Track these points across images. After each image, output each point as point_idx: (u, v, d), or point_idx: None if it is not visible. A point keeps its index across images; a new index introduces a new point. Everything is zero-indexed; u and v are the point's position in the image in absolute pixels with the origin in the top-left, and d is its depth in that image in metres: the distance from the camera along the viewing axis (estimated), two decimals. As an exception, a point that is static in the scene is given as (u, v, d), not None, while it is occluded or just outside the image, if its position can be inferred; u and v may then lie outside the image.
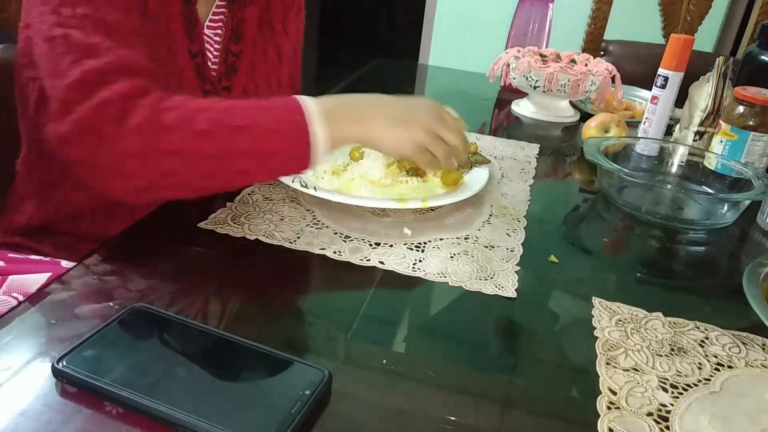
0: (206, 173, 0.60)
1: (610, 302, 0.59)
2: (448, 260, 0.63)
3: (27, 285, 0.66)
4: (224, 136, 0.58)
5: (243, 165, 0.60)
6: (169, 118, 0.58)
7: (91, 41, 0.60)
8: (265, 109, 0.61)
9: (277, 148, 0.60)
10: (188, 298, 0.54)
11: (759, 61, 1.07)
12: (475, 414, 0.45)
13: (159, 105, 0.59)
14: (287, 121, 0.61)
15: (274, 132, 0.60)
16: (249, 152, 0.59)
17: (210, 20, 0.80)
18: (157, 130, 0.57)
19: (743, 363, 0.53)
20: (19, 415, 0.39)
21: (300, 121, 0.60)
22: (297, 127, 0.60)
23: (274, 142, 0.60)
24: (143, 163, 0.58)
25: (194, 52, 0.77)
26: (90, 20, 0.61)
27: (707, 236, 0.79)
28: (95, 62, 0.58)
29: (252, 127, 0.59)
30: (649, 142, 0.97)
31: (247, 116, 0.60)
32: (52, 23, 0.60)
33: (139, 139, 0.57)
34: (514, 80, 1.18)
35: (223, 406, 0.40)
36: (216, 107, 0.60)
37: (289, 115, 0.61)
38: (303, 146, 0.60)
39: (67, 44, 0.59)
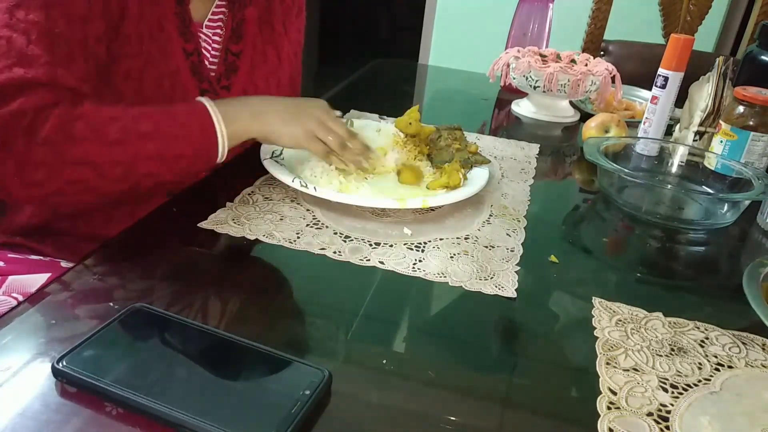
0: (116, 179, 0.62)
1: (610, 302, 0.59)
2: (448, 260, 0.63)
3: (27, 285, 0.66)
4: (134, 143, 0.62)
5: (151, 168, 0.64)
6: (78, 129, 0.60)
7: (29, 51, 0.60)
8: (173, 114, 0.66)
9: (184, 151, 0.65)
10: (188, 298, 0.54)
11: (759, 61, 1.07)
12: (475, 414, 0.45)
13: (68, 114, 0.60)
14: (194, 126, 0.66)
15: (182, 137, 0.65)
16: (157, 156, 0.63)
17: (209, 20, 0.81)
18: (66, 140, 0.59)
19: (743, 363, 0.53)
20: (18, 415, 0.39)
21: (207, 124, 0.66)
22: (204, 131, 0.66)
23: (181, 146, 0.65)
24: (50, 172, 0.60)
25: (189, 51, 0.77)
26: (38, 28, 0.61)
27: (707, 236, 0.79)
28: (23, 72, 0.59)
29: (160, 133, 0.63)
30: (649, 142, 0.97)
31: (155, 122, 0.64)
32: (1, 23, 0.61)
33: (46, 151, 0.59)
34: (514, 80, 1.18)
35: (223, 406, 0.40)
36: (126, 116, 0.63)
37: (196, 119, 0.66)
38: (211, 146, 0.66)
39: (7, 47, 0.60)
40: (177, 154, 0.65)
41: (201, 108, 0.67)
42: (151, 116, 0.64)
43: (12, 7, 0.61)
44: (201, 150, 0.66)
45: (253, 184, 0.75)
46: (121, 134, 0.61)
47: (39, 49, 0.61)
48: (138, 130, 0.62)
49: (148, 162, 0.63)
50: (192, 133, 0.65)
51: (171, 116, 0.65)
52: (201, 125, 0.66)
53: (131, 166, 0.62)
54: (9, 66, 0.59)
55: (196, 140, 0.66)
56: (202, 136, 0.66)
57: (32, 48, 0.60)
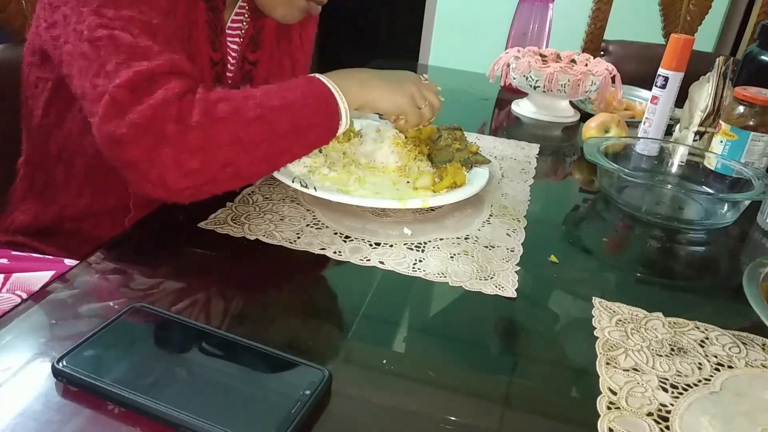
0: (259, 158, 0.63)
1: (610, 302, 0.59)
2: (448, 260, 0.63)
3: (30, 283, 0.66)
4: (270, 119, 0.62)
5: (287, 143, 0.65)
6: (222, 110, 0.60)
7: (140, 43, 0.60)
8: (294, 87, 0.66)
9: (313, 120, 0.66)
10: (188, 297, 0.54)
11: (759, 61, 1.07)
12: (475, 414, 0.45)
13: (209, 98, 0.60)
14: (316, 95, 0.66)
15: (308, 106, 0.65)
16: (292, 130, 0.64)
17: (229, 27, 0.80)
18: (214, 123, 0.59)
19: (743, 363, 0.53)
20: (19, 415, 0.39)
21: (326, 93, 0.67)
22: (325, 99, 0.67)
23: (310, 115, 0.65)
24: (206, 157, 0.59)
25: (216, 61, 0.77)
26: (136, 23, 0.61)
27: (707, 236, 0.79)
28: (147, 64, 0.59)
29: (290, 106, 0.64)
30: (649, 142, 0.97)
31: (283, 96, 0.64)
32: (95, 24, 0.60)
33: (200, 135, 0.59)
34: (514, 80, 1.18)
35: (223, 406, 0.40)
36: (256, 94, 0.63)
37: (314, 90, 0.67)
38: (333, 115, 0.67)
39: (114, 45, 0.59)
40: (307, 124, 0.65)
41: (316, 80, 0.68)
42: (277, 92, 0.64)
43: (98, 8, 0.61)
44: (326, 118, 0.67)
45: (253, 184, 0.75)
46: (258, 110, 0.61)
47: (147, 40, 0.60)
48: (271, 105, 0.62)
49: (284, 137, 0.63)
50: (318, 102, 0.66)
51: (293, 89, 0.65)
52: (322, 94, 0.67)
53: (271, 142, 0.63)
54: (125, 61, 0.58)
55: (323, 109, 0.66)
56: (327, 105, 0.67)
57: (140, 40, 0.60)
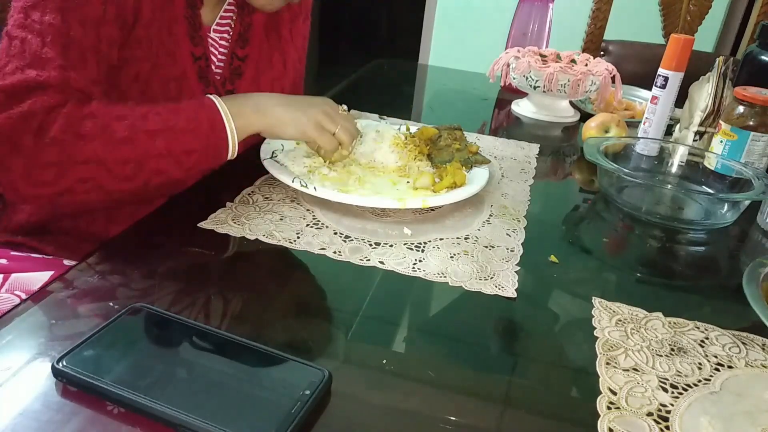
0: (125, 177, 0.62)
1: (610, 302, 0.59)
2: (448, 260, 0.63)
3: (29, 283, 0.66)
4: (142, 141, 0.62)
5: (160, 165, 0.63)
6: (87, 127, 0.60)
7: (43, 53, 0.60)
8: (180, 110, 0.65)
9: (192, 146, 0.64)
10: (188, 297, 0.54)
11: (759, 61, 1.07)
12: (475, 414, 0.45)
13: (76, 113, 0.60)
14: (202, 120, 0.65)
15: (190, 131, 0.64)
16: (166, 153, 0.63)
17: (217, 24, 0.81)
18: (74, 139, 0.59)
19: (743, 363, 0.53)
20: (19, 415, 0.39)
21: (215, 119, 0.66)
22: (212, 125, 0.65)
23: (190, 141, 0.64)
24: (59, 171, 0.59)
25: (197, 56, 0.77)
26: (52, 31, 0.61)
27: (707, 236, 0.79)
28: (35, 74, 0.59)
29: (168, 130, 0.63)
30: (649, 142, 0.97)
31: (163, 119, 0.63)
32: (18, 23, 0.61)
33: (55, 150, 0.59)
34: (514, 80, 1.18)
35: (222, 406, 0.40)
36: (133, 114, 0.62)
37: (203, 114, 0.65)
38: (219, 141, 0.66)
39: (22, 48, 0.60)
40: (186, 149, 0.64)
41: (208, 103, 0.67)
42: (159, 113, 0.64)
43: (28, 8, 0.61)
44: (210, 145, 0.66)
45: (253, 184, 0.75)
46: (129, 132, 0.61)
47: (53, 51, 0.61)
48: (146, 128, 0.62)
49: (158, 159, 0.63)
50: (200, 127, 0.65)
51: (178, 112, 0.65)
52: (209, 120, 0.66)
53: (140, 163, 0.62)
54: (22, 67, 0.59)
55: (204, 135, 0.65)
56: (211, 131, 0.65)
57: (46, 50, 0.60)
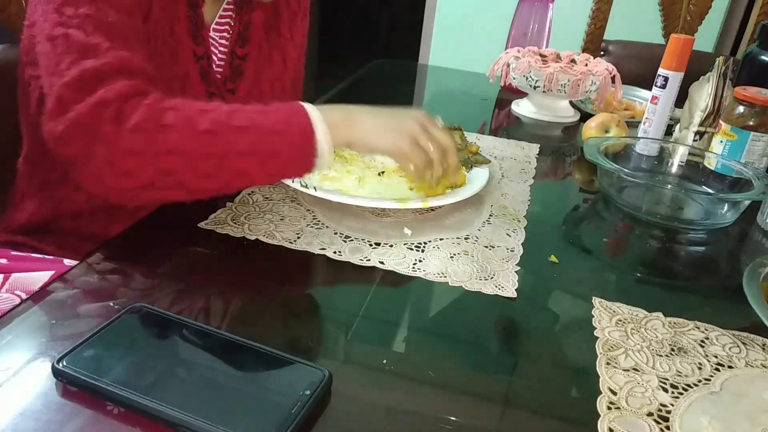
0: (207, 173, 0.60)
1: (610, 302, 0.59)
2: (448, 260, 0.63)
3: (30, 283, 0.66)
4: (226, 136, 0.59)
5: (244, 166, 0.60)
6: (169, 118, 0.58)
7: (91, 41, 0.60)
8: (269, 111, 0.62)
9: (279, 148, 0.61)
10: (188, 297, 0.54)
11: (759, 61, 1.07)
12: (475, 414, 0.45)
13: (159, 105, 0.59)
14: (291, 124, 0.61)
15: (278, 133, 0.61)
16: (250, 152, 0.60)
17: (216, 23, 0.81)
18: (157, 129, 0.58)
19: (743, 363, 0.53)
20: (19, 415, 0.39)
21: (304, 124, 0.61)
22: (301, 130, 0.61)
23: (277, 142, 0.61)
24: (141, 161, 0.58)
25: (199, 55, 0.77)
26: (91, 20, 0.61)
27: (707, 236, 0.79)
28: (94, 62, 0.59)
29: (255, 128, 0.60)
30: (649, 142, 0.97)
31: (250, 118, 0.60)
32: (54, 22, 0.61)
33: (137, 137, 0.57)
34: (514, 80, 1.18)
35: (222, 406, 0.40)
36: (218, 109, 0.60)
37: (293, 118, 0.62)
38: (307, 148, 0.61)
39: (67, 44, 0.60)
40: (272, 151, 0.61)
41: (298, 108, 0.63)
42: (246, 111, 0.61)
43: (59, 6, 0.61)
44: (297, 150, 0.62)
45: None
46: (213, 125, 0.59)
47: (99, 38, 0.60)
48: (231, 123, 0.60)
49: (241, 158, 0.60)
50: (290, 130, 0.61)
51: (267, 113, 0.62)
52: (299, 125, 0.62)
53: (223, 160, 0.59)
54: (76, 60, 0.59)
55: (293, 139, 0.61)
56: (300, 135, 0.62)
57: (92, 38, 0.60)
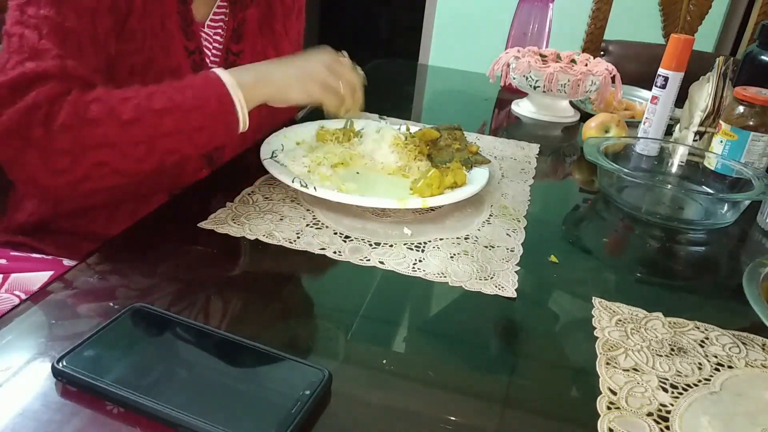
0: (138, 158, 0.62)
1: (610, 302, 0.59)
2: (448, 260, 0.63)
3: (29, 283, 0.66)
4: (150, 120, 0.62)
5: (172, 144, 0.63)
6: (93, 112, 0.60)
7: (40, 46, 0.61)
8: (185, 88, 0.65)
9: (202, 123, 0.64)
10: (188, 297, 0.54)
11: (759, 61, 1.07)
12: (475, 414, 0.45)
13: (81, 99, 0.60)
14: (209, 96, 0.65)
15: (197, 108, 0.64)
16: (176, 131, 0.63)
17: (211, 20, 0.81)
18: (83, 124, 0.60)
19: (743, 363, 0.53)
20: (18, 415, 0.39)
21: (222, 93, 0.65)
22: (218, 99, 0.65)
23: (199, 117, 0.64)
24: (73, 158, 0.60)
25: (191, 50, 0.78)
26: (49, 23, 0.62)
27: (707, 236, 0.79)
28: (34, 65, 0.60)
29: (175, 108, 0.63)
30: (649, 142, 0.97)
31: (169, 98, 0.63)
32: (15, 20, 0.62)
33: (66, 137, 0.59)
34: (514, 80, 1.18)
35: (222, 406, 0.40)
36: (138, 95, 0.62)
37: (209, 90, 0.65)
38: (228, 115, 0.65)
39: (20, 43, 0.61)
40: (195, 126, 0.64)
41: (214, 77, 0.66)
42: (165, 92, 0.64)
43: (23, 4, 0.62)
44: (219, 119, 0.66)
45: (253, 184, 0.75)
46: (135, 113, 0.61)
47: (50, 43, 0.61)
48: (152, 107, 0.62)
49: (168, 138, 0.63)
50: (208, 103, 0.65)
51: (184, 89, 0.64)
52: (217, 95, 0.65)
53: (151, 143, 0.62)
54: (21, 61, 0.60)
55: (213, 111, 0.65)
56: (219, 106, 0.65)
57: (43, 42, 0.61)
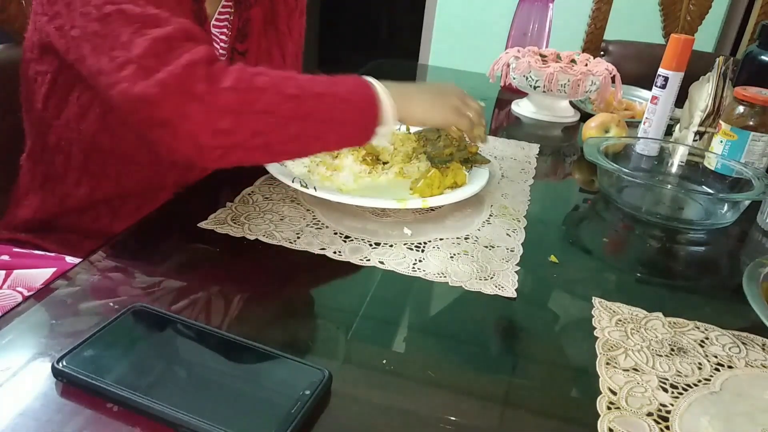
0: (291, 135, 0.64)
1: (610, 302, 0.59)
2: (448, 260, 0.63)
3: (32, 280, 0.66)
4: (309, 101, 0.64)
5: (321, 130, 0.65)
6: (260, 81, 0.62)
7: (148, 12, 0.61)
8: (339, 82, 0.67)
9: (349, 117, 0.66)
10: (188, 297, 0.54)
11: (759, 61, 1.07)
12: (475, 414, 0.45)
13: (248, 69, 0.63)
14: (359, 95, 0.67)
15: (349, 102, 0.66)
16: (328, 118, 0.65)
17: (216, 19, 0.82)
18: (250, 89, 0.61)
19: (743, 363, 0.53)
20: (19, 415, 0.39)
21: (370, 96, 0.67)
22: (368, 100, 0.67)
23: (349, 111, 0.66)
24: (237, 119, 0.60)
25: None
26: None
27: (707, 236, 0.79)
28: (161, 30, 0.60)
29: (331, 95, 0.65)
30: (649, 142, 0.97)
31: (327, 85, 0.66)
32: (101, 2, 0.61)
33: (233, 96, 0.60)
34: (514, 80, 1.18)
35: (223, 406, 0.40)
36: (299, 77, 0.65)
37: (360, 90, 0.68)
38: (371, 118, 0.67)
39: (124, 18, 0.60)
40: (344, 119, 0.66)
41: (365, 82, 0.68)
42: (322, 80, 0.66)
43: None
44: (364, 119, 0.67)
45: (253, 184, 0.75)
46: (298, 90, 0.63)
47: (154, 9, 0.61)
48: (313, 90, 0.64)
49: (320, 123, 0.65)
50: (358, 99, 0.67)
51: (338, 83, 0.67)
52: (366, 95, 0.67)
53: (306, 124, 0.64)
54: (139, 30, 0.60)
55: (360, 108, 0.67)
56: (366, 105, 0.67)
57: (148, 9, 0.61)
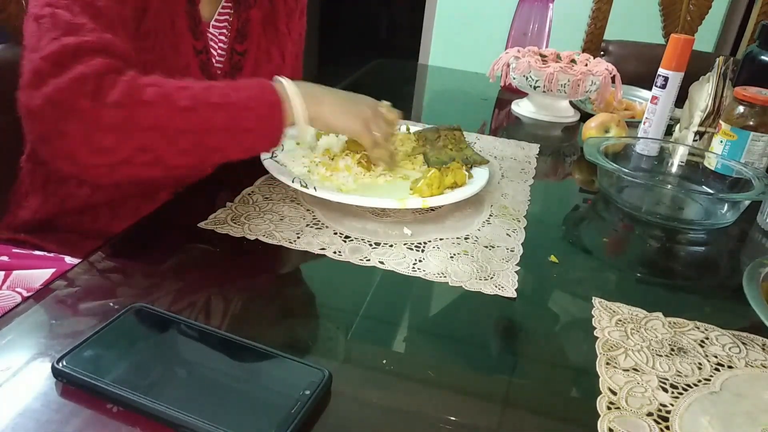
0: (184, 149, 0.61)
1: (610, 302, 0.59)
2: (448, 260, 0.63)
3: (31, 280, 0.66)
4: (204, 112, 0.61)
5: (219, 141, 0.63)
6: (149, 94, 0.59)
7: (75, 21, 0.61)
8: (241, 88, 0.65)
9: (250, 125, 0.64)
10: (188, 297, 0.54)
11: (759, 61, 1.07)
12: (475, 414, 0.45)
13: (137, 81, 0.60)
14: (261, 101, 0.65)
15: (250, 109, 0.64)
16: (225, 128, 0.63)
17: (216, 20, 0.82)
18: (137, 104, 0.59)
19: (743, 363, 0.53)
20: (18, 415, 0.39)
21: (273, 101, 0.65)
22: (270, 107, 0.65)
23: (249, 119, 0.64)
24: (120, 136, 0.58)
25: (199, 49, 0.79)
26: (79, 3, 0.62)
27: (707, 236, 0.79)
28: (74, 39, 0.59)
29: (229, 104, 0.63)
30: (649, 142, 0.97)
31: (225, 94, 0.63)
32: (43, 3, 0.62)
33: (117, 113, 0.58)
34: (514, 80, 1.18)
35: (222, 406, 0.40)
36: (195, 86, 0.62)
37: (262, 95, 0.65)
38: (276, 123, 0.66)
39: (53, 22, 0.60)
40: (245, 127, 0.64)
41: (268, 84, 0.67)
42: (221, 88, 0.64)
43: None
44: (267, 126, 0.66)
45: (253, 184, 0.75)
46: (191, 102, 0.61)
47: (84, 19, 0.61)
48: (208, 100, 0.62)
49: (217, 134, 0.62)
50: (260, 106, 0.65)
51: (239, 89, 0.64)
52: (269, 101, 0.65)
53: (200, 136, 0.62)
54: (57, 37, 0.59)
55: (263, 115, 0.65)
56: (270, 111, 0.65)
57: (78, 18, 0.61)
